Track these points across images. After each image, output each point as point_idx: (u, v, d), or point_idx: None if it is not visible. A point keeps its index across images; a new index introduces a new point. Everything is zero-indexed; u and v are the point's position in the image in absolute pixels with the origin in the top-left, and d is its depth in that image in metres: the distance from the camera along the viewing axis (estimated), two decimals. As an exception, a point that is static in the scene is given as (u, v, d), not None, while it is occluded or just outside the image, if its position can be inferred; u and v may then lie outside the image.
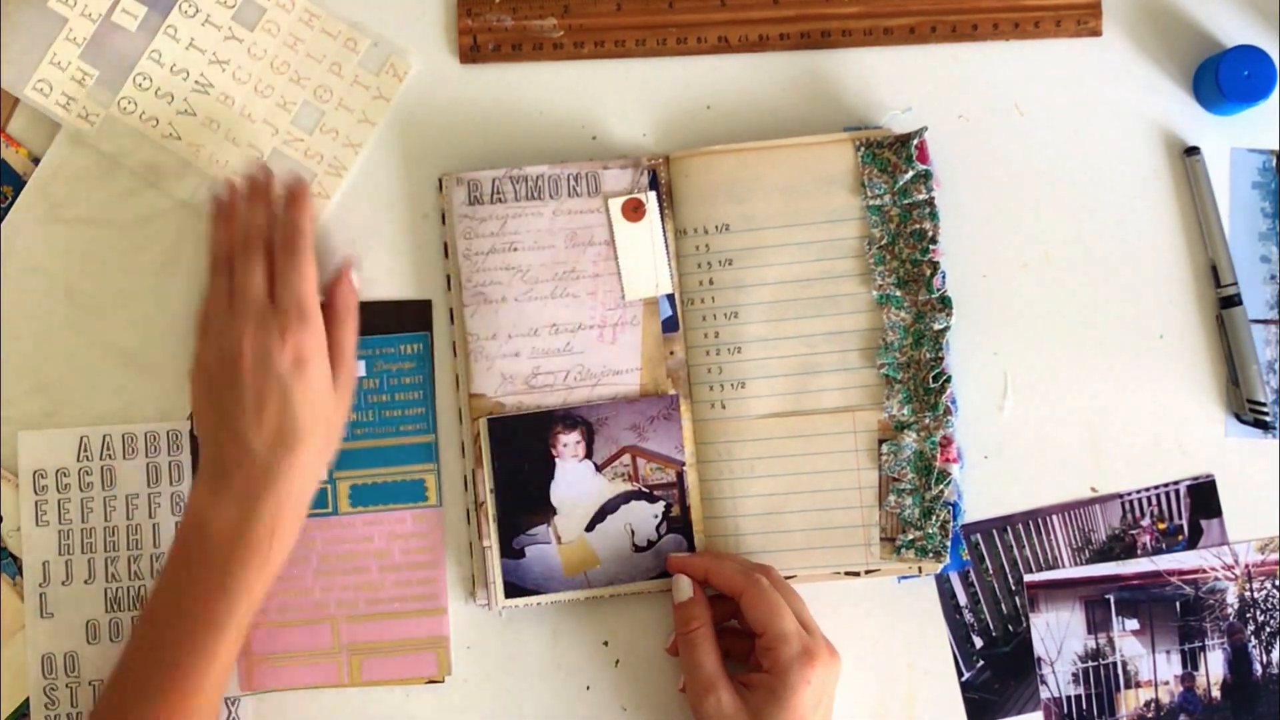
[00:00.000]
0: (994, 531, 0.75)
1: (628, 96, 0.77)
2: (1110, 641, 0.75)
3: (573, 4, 0.77)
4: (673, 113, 0.77)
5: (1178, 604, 0.75)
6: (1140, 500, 0.75)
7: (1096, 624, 0.75)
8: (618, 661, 0.76)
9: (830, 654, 0.68)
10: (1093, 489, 0.76)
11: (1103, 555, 0.75)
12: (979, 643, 0.75)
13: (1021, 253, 0.75)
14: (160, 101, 0.76)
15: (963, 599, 0.75)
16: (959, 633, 0.75)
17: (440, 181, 0.76)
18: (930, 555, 0.73)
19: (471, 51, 0.77)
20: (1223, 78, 0.74)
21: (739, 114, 0.77)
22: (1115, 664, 0.75)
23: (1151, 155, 0.77)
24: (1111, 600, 0.75)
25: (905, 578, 0.75)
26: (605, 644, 0.76)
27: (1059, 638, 0.75)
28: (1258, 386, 0.75)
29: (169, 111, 0.76)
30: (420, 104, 0.77)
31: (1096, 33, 0.77)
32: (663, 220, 0.75)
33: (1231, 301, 0.75)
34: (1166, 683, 0.75)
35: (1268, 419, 0.75)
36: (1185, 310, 0.76)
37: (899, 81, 0.77)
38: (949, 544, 0.73)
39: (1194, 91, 0.77)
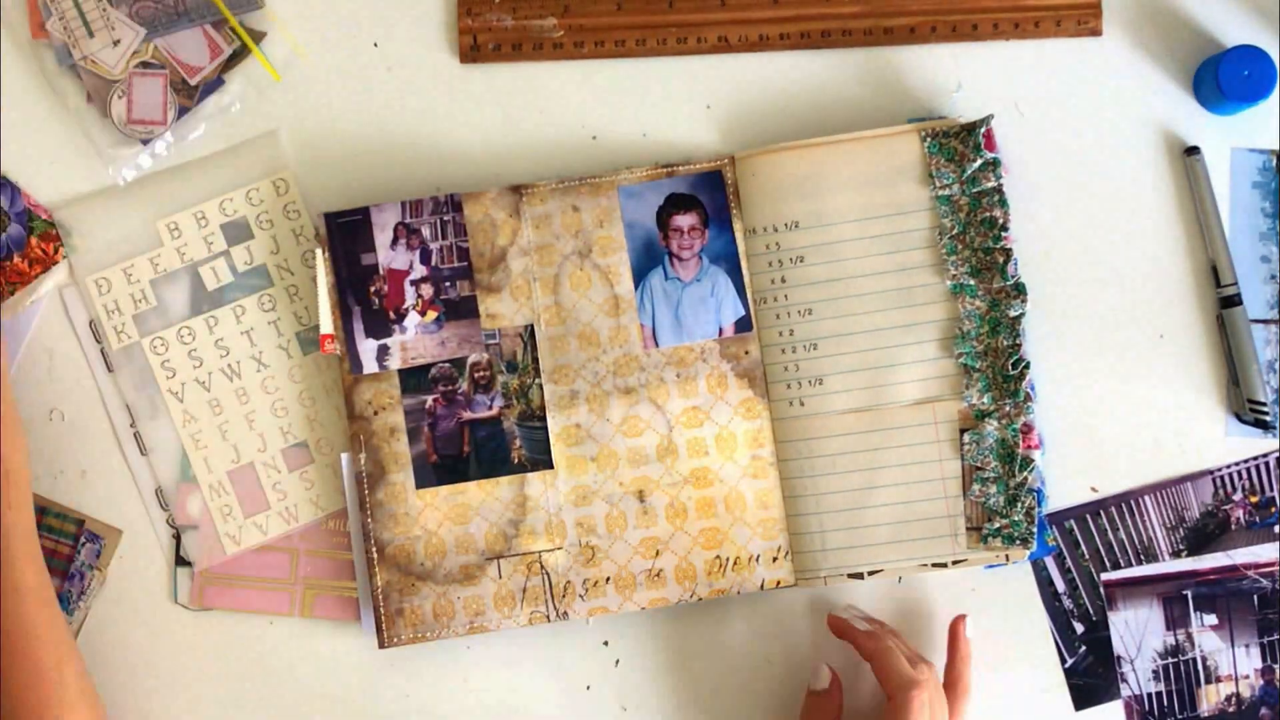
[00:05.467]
0: (1087, 516, 0.75)
1: (628, 96, 0.77)
2: (1189, 637, 0.75)
3: (573, 4, 0.77)
4: (673, 112, 0.77)
5: (1255, 597, 0.75)
6: (1230, 475, 0.75)
7: (1175, 620, 0.75)
8: (618, 661, 0.76)
9: None
10: (1093, 489, 0.76)
11: (1197, 533, 0.75)
12: (1080, 628, 0.75)
13: (1022, 252, 0.75)
14: (189, 361, 0.76)
15: (1060, 586, 0.75)
16: (1059, 619, 0.75)
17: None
18: (1017, 542, 0.73)
19: (471, 51, 0.77)
20: (1223, 78, 0.74)
21: (739, 114, 0.77)
22: (1195, 659, 0.75)
23: (1151, 155, 0.77)
24: (1189, 596, 0.75)
25: (991, 566, 0.75)
26: (605, 644, 0.76)
27: (1138, 635, 0.75)
28: (1258, 386, 0.75)
29: (191, 374, 0.76)
30: (420, 104, 0.77)
31: (1096, 33, 0.77)
32: (731, 220, 0.75)
33: (1231, 301, 0.75)
34: (1247, 676, 0.75)
35: (1268, 419, 0.75)
36: (1185, 310, 0.76)
37: (897, 82, 0.77)
38: (1035, 530, 0.73)
39: (1194, 91, 0.77)
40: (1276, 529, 0.75)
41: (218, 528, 0.76)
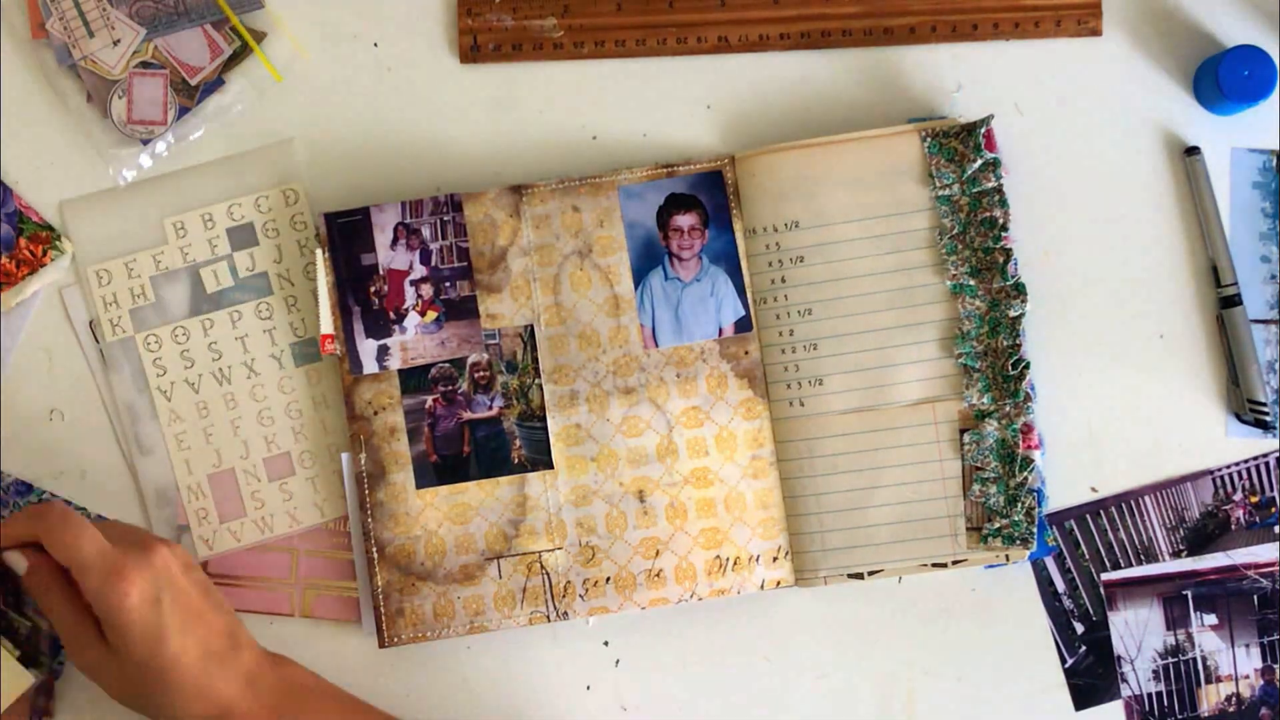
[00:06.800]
0: (1087, 516, 0.75)
1: (628, 96, 0.77)
2: (1189, 637, 0.75)
3: (573, 4, 0.77)
4: (673, 112, 0.77)
5: (1255, 597, 0.75)
6: (1230, 475, 0.75)
7: (1175, 620, 0.75)
8: (618, 661, 0.76)
9: (143, 553, 0.65)
10: (1093, 489, 0.76)
11: (1197, 533, 0.75)
12: (1080, 628, 0.75)
13: (1022, 252, 0.75)
14: (180, 361, 0.76)
15: (1060, 586, 0.75)
16: (1059, 619, 0.75)
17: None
18: (1017, 543, 0.73)
19: (471, 51, 0.77)
20: (1223, 78, 0.74)
21: (739, 114, 0.77)
22: (1195, 659, 0.75)
23: (1151, 155, 0.77)
24: (1189, 596, 0.75)
25: (991, 566, 0.75)
26: (605, 644, 0.76)
27: (1138, 636, 0.75)
28: (1258, 386, 0.75)
29: (180, 374, 0.76)
30: (420, 104, 0.77)
31: (1096, 33, 0.77)
32: (731, 220, 0.75)
33: (1231, 301, 0.75)
34: (1247, 676, 0.75)
35: (1268, 419, 0.75)
36: (1185, 310, 0.76)
37: (897, 82, 0.77)
38: (1035, 531, 0.73)
39: (1194, 91, 0.77)
40: (1276, 529, 0.75)
41: (193, 531, 0.76)
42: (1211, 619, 0.75)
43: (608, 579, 0.74)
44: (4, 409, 0.76)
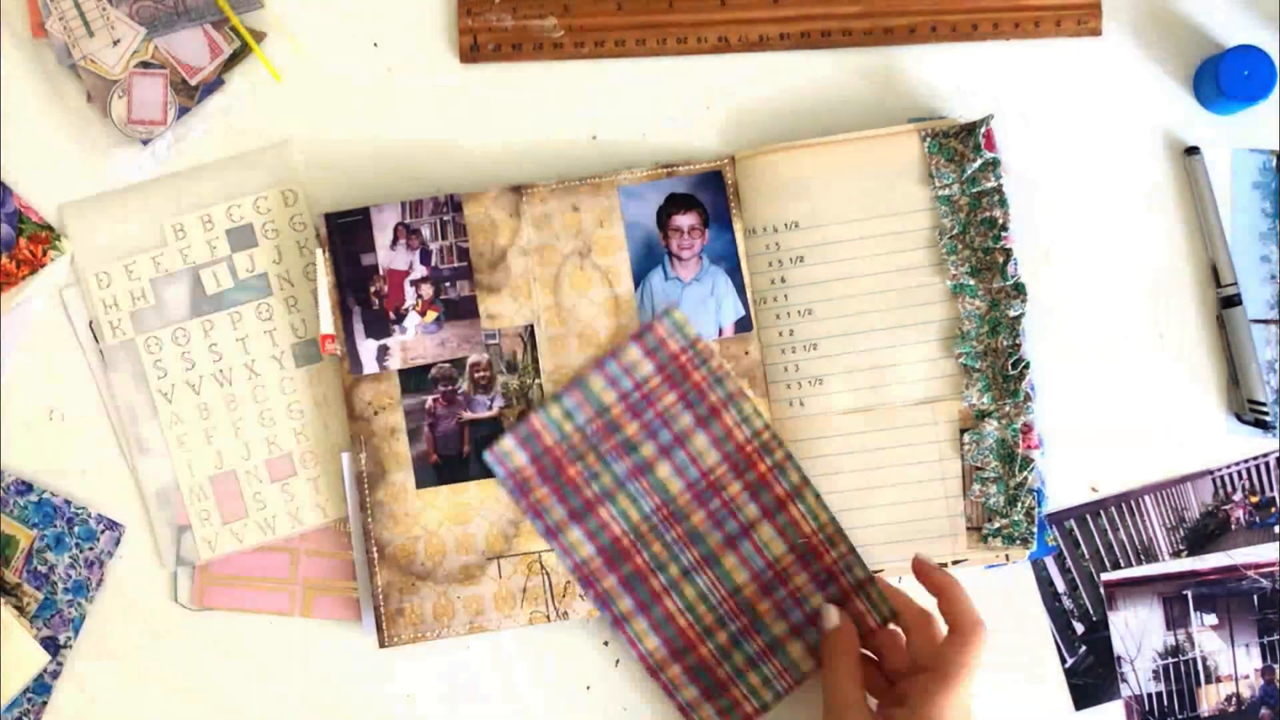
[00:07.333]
0: (1087, 516, 0.75)
1: (628, 96, 0.77)
2: (1189, 637, 0.75)
3: (573, 4, 0.77)
4: (673, 112, 0.77)
5: (1255, 597, 0.75)
6: (1230, 475, 0.75)
7: (1175, 620, 0.75)
8: (618, 661, 0.76)
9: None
10: (1093, 489, 0.76)
11: (1197, 533, 0.75)
12: (1080, 628, 0.75)
13: (1022, 252, 0.75)
14: (181, 363, 0.76)
15: (1060, 586, 0.75)
16: (1059, 619, 0.75)
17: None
18: (1017, 542, 0.73)
19: (471, 51, 0.77)
20: (1223, 78, 0.74)
21: (739, 114, 0.77)
22: (1195, 659, 0.75)
23: (1151, 155, 0.77)
24: (1189, 596, 0.75)
25: (992, 566, 0.75)
26: (605, 644, 0.76)
27: (1138, 636, 0.75)
28: (1258, 386, 0.75)
29: (181, 375, 0.76)
30: (420, 104, 0.77)
31: (1096, 33, 0.77)
32: (731, 220, 0.75)
33: (1231, 301, 0.75)
34: (1247, 676, 0.75)
35: (1268, 419, 0.75)
36: (1185, 310, 0.76)
37: (897, 82, 0.77)
38: (1035, 530, 0.73)
39: (1194, 91, 0.77)
40: (1276, 529, 0.75)
41: (195, 532, 0.76)
42: (1211, 619, 0.75)
43: (608, 579, 0.74)
44: (4, 409, 0.76)
